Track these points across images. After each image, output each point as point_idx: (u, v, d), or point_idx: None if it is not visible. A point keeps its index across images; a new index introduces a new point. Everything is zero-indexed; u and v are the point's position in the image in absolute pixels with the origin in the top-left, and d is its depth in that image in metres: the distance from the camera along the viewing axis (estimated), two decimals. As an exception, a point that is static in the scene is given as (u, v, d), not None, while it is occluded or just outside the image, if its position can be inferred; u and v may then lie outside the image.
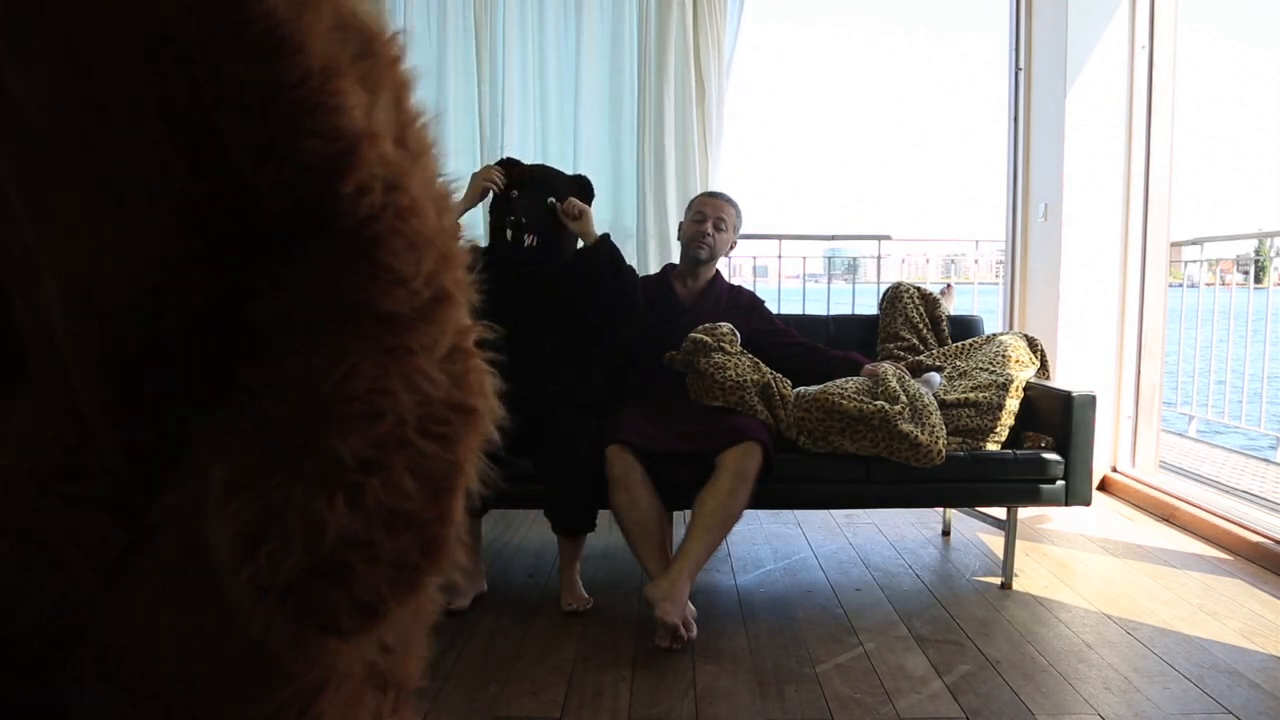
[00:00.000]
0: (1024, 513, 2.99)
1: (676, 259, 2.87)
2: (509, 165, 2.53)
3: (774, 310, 2.85)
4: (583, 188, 2.55)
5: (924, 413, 2.38)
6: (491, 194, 2.45)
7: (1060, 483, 2.43)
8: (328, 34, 0.51)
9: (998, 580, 2.57)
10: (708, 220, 2.64)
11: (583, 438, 2.28)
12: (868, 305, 3.84)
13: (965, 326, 3.00)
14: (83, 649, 0.60)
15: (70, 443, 0.63)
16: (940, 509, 3.13)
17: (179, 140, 0.53)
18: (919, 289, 3.01)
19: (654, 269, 3.77)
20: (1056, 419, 2.46)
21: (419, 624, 0.65)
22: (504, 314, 0.63)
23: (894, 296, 2.99)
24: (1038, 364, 2.69)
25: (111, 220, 0.56)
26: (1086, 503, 2.47)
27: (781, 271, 4.51)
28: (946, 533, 3.04)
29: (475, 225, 3.30)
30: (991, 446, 2.46)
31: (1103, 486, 3.64)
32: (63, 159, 0.55)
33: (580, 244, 2.49)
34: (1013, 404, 2.51)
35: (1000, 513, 2.60)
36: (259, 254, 0.56)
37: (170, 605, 0.58)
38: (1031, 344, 2.72)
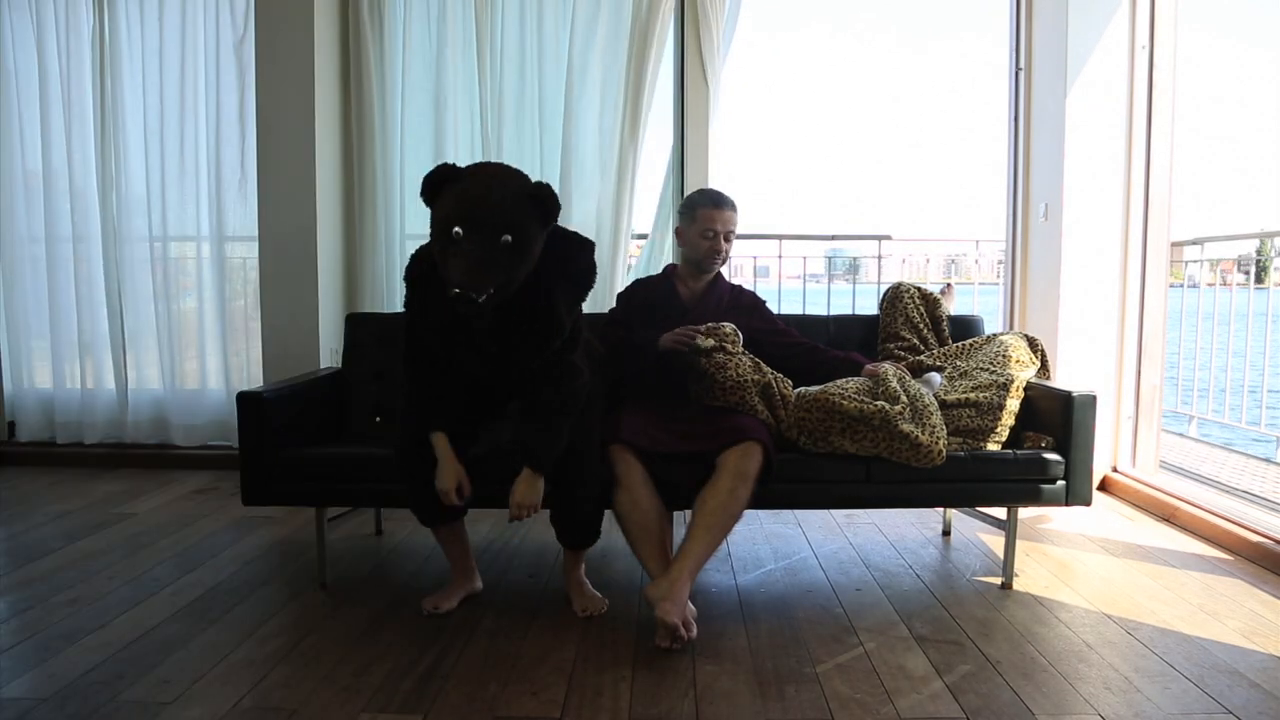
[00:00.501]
0: (1024, 513, 3.00)
1: (674, 258, 2.87)
2: (446, 176, 2.02)
3: (775, 310, 2.85)
4: (536, 204, 2.02)
5: (924, 413, 2.38)
6: (438, 232, 2.00)
7: (1060, 483, 2.43)
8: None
9: (998, 580, 2.58)
10: (719, 236, 2.64)
11: (591, 454, 2.25)
12: (868, 305, 3.84)
13: (965, 326, 3.00)
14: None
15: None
16: (940, 509, 3.13)
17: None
18: (919, 289, 3.01)
19: (651, 269, 3.77)
20: (1057, 419, 2.46)
21: None
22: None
23: (894, 296, 2.99)
24: (1038, 364, 2.69)
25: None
26: (1087, 503, 2.47)
27: (782, 271, 4.52)
28: (947, 533, 3.04)
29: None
30: (992, 446, 2.46)
31: (1103, 486, 3.64)
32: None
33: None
34: (1013, 404, 2.51)
35: (1000, 513, 2.60)
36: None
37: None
38: (1032, 344, 2.72)
